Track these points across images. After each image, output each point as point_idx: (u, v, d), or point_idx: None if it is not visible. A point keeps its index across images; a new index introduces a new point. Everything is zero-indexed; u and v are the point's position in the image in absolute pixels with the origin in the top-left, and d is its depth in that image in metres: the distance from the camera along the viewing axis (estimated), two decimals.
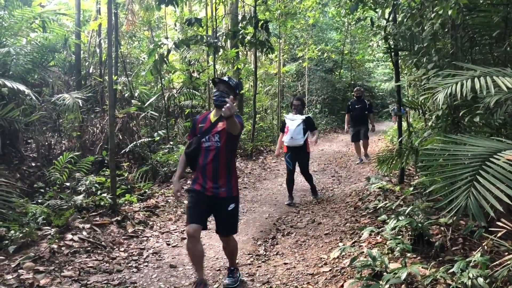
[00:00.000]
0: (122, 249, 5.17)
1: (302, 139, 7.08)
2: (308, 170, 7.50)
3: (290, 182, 7.42)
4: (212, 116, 4.00)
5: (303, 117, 7.22)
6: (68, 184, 6.73)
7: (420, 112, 6.86)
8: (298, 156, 7.25)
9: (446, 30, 5.69)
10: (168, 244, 5.46)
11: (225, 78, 4.03)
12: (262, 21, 9.01)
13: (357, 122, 10.98)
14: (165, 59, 9.10)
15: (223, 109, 3.38)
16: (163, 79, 11.60)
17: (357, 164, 10.98)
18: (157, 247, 5.36)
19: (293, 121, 7.12)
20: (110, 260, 4.80)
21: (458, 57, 5.34)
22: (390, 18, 6.96)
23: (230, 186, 3.94)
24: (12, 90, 6.93)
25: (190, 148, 4.00)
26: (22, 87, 6.86)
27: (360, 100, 11.11)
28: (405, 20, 6.58)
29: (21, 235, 4.64)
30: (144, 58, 14.09)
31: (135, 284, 4.25)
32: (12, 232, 4.66)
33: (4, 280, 3.87)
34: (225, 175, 3.92)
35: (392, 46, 6.84)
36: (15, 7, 8.11)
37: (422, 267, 3.44)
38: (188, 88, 12.03)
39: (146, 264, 4.81)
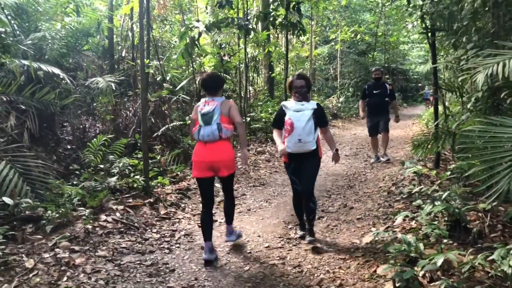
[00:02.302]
0: (155, 231, 5.23)
1: (314, 140, 4.60)
2: (313, 188, 4.78)
3: (299, 206, 4.94)
4: None
5: (314, 105, 4.69)
6: (102, 166, 6.85)
7: (457, 94, 6.63)
8: (306, 165, 4.69)
9: (487, 8, 5.43)
10: (200, 226, 5.48)
11: None
12: (293, 2, 8.86)
13: (375, 111, 8.88)
14: (196, 42, 9.08)
15: None
16: (194, 63, 11.61)
17: (373, 163, 8.98)
18: (189, 229, 5.40)
19: (300, 112, 4.59)
20: (143, 241, 4.87)
21: (500, 37, 5.11)
22: None
23: None
24: (48, 73, 7.08)
25: None
26: (57, 71, 7.00)
27: (379, 83, 8.96)
28: None
29: (57, 215, 4.75)
30: (175, 41, 14.15)
31: (167, 265, 4.30)
32: (49, 212, 4.77)
33: (42, 259, 3.98)
34: None
35: (429, 26, 6.61)
36: None
37: (459, 254, 3.33)
38: (219, 72, 12.01)
39: (178, 245, 4.86)
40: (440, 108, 7.65)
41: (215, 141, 4.30)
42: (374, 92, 8.86)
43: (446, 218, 4.15)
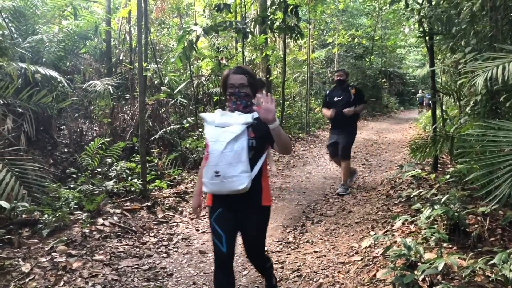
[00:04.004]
0: (152, 234, 5.20)
1: (248, 175, 2.74)
2: (264, 249, 3.21)
3: (227, 284, 2.92)
4: None
5: (249, 118, 2.81)
6: (99, 169, 6.81)
7: (455, 98, 6.63)
8: (243, 220, 2.98)
9: (485, 12, 5.44)
10: (198, 230, 5.46)
11: None
12: (291, 6, 8.88)
13: (336, 123, 6.99)
14: (194, 45, 9.08)
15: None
16: (192, 66, 11.58)
17: (339, 194, 6.96)
18: (187, 232, 5.37)
19: (223, 129, 2.79)
20: (140, 245, 4.84)
21: (498, 40, 5.10)
22: (425, 1, 6.72)
23: None
24: (45, 76, 7.04)
25: None
26: (54, 74, 6.96)
27: (342, 87, 7.02)
28: (441, 2, 6.34)
29: (54, 219, 4.72)
30: (173, 45, 14.12)
31: (165, 269, 4.28)
32: (46, 216, 4.74)
33: (39, 263, 3.95)
34: None
35: (427, 30, 6.61)
36: None
37: (459, 258, 3.31)
38: (217, 75, 11.99)
39: (175, 249, 4.83)
40: (438, 111, 7.64)
41: None
42: (335, 99, 6.94)
43: (445, 222, 4.13)
